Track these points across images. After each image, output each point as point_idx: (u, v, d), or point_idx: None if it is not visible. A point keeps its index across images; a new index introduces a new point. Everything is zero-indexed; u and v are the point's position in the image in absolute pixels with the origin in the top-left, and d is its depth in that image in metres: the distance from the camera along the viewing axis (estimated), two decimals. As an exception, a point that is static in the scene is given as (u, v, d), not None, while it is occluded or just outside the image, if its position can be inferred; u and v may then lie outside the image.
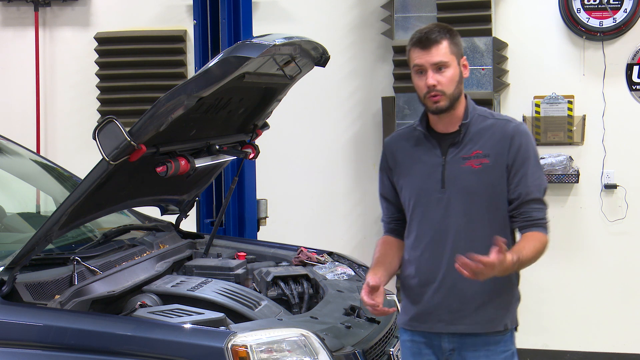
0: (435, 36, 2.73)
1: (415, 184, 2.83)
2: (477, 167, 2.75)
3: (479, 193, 2.75)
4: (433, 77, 2.72)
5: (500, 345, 2.79)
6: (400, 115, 5.50)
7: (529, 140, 2.79)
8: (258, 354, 2.68)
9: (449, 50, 2.74)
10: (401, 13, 5.46)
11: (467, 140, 2.78)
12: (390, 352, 3.18)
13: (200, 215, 5.00)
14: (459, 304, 2.77)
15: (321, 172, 5.94)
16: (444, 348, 2.82)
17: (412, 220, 2.85)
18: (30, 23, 6.22)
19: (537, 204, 2.76)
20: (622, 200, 5.47)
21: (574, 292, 5.56)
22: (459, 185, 2.76)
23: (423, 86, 2.74)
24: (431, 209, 2.79)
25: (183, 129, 3.25)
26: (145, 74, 6.00)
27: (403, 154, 2.89)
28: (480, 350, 2.79)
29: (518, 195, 2.74)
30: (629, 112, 5.47)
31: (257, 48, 2.92)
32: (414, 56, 2.76)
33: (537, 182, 2.77)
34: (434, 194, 2.79)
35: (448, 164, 2.78)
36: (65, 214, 2.93)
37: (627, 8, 5.36)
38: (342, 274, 3.76)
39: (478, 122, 2.81)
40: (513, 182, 2.75)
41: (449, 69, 2.74)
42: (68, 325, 2.79)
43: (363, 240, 5.89)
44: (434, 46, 2.72)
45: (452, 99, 2.75)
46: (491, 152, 2.76)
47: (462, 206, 2.76)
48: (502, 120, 2.82)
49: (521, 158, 2.76)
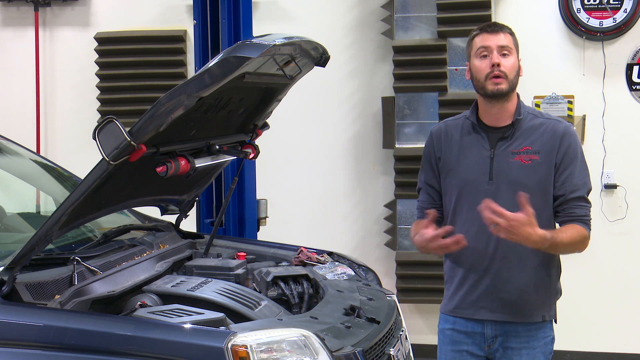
0: (501, 26, 2.93)
1: (463, 175, 2.94)
2: (527, 163, 2.87)
3: (527, 187, 2.84)
4: (498, 57, 2.86)
5: (541, 331, 2.96)
6: (400, 115, 5.50)
7: (577, 142, 2.94)
8: (258, 354, 2.68)
9: (512, 41, 2.92)
10: (401, 13, 5.46)
11: (518, 135, 2.90)
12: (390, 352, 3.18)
13: (200, 215, 5.00)
14: (503, 293, 2.89)
15: (321, 172, 5.95)
16: (487, 335, 2.95)
17: (457, 210, 2.95)
18: (30, 23, 6.22)
19: (581, 202, 2.93)
20: (622, 200, 5.47)
21: (573, 292, 5.55)
22: (507, 178, 2.87)
23: (486, 67, 2.87)
24: (478, 199, 2.85)
25: (183, 129, 3.25)
26: (145, 74, 6.01)
27: (451, 143, 2.99)
28: (522, 336, 2.92)
29: (564, 192, 2.89)
30: (629, 112, 5.47)
31: (257, 48, 2.92)
32: (480, 40, 2.90)
33: (583, 181, 2.94)
34: (482, 185, 2.89)
35: (496, 157, 2.89)
36: (65, 214, 2.93)
37: (627, 8, 5.36)
38: (342, 274, 3.76)
39: (529, 119, 2.94)
40: (560, 179, 2.88)
41: (511, 57, 2.90)
42: (68, 325, 2.78)
43: (363, 240, 5.89)
44: (501, 32, 2.90)
45: (512, 85, 2.89)
46: (541, 150, 2.88)
47: (509, 199, 2.83)
48: (553, 120, 2.96)
49: (569, 157, 2.90)
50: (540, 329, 2.95)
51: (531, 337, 2.93)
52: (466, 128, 2.96)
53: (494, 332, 2.94)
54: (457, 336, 3.00)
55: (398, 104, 5.49)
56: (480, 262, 2.91)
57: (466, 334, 2.97)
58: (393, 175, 5.65)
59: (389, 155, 5.72)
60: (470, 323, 2.96)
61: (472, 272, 2.93)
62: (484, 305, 2.92)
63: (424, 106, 5.49)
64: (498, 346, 2.94)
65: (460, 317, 2.99)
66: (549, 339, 2.98)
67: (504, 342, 2.93)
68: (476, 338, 2.95)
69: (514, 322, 2.92)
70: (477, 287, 2.93)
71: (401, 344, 3.34)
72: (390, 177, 5.72)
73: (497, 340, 2.93)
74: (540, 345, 2.94)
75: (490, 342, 2.94)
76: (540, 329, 2.95)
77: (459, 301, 2.98)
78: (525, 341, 2.92)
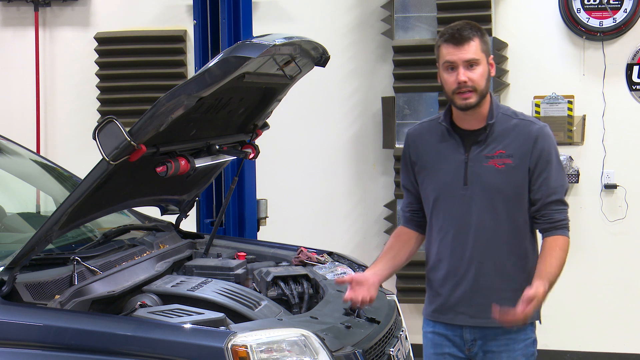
0: (467, 33, 2.78)
1: (438, 180, 2.90)
2: (500, 167, 2.82)
3: (501, 191, 2.82)
4: (464, 73, 2.77)
5: (521, 333, 2.89)
6: (400, 115, 5.50)
7: (551, 143, 2.86)
8: (258, 354, 2.68)
9: (479, 48, 2.79)
10: (401, 13, 5.46)
11: (491, 139, 2.85)
12: (390, 352, 3.18)
13: (200, 215, 5.00)
14: (481, 298, 2.85)
15: (321, 172, 5.94)
16: (466, 339, 2.91)
17: (434, 215, 2.92)
18: (30, 23, 6.22)
19: (558, 205, 2.84)
20: (622, 200, 5.47)
21: (573, 292, 5.55)
22: (482, 183, 2.83)
23: (453, 82, 2.79)
24: (454, 205, 2.86)
25: (183, 129, 3.25)
26: (145, 74, 6.00)
27: (426, 148, 2.95)
28: (501, 340, 2.87)
29: (540, 196, 2.82)
30: (629, 112, 5.47)
31: (257, 48, 2.92)
32: (445, 52, 2.80)
33: (559, 183, 2.85)
34: (457, 190, 2.86)
35: (471, 162, 2.85)
36: (65, 214, 2.93)
37: (627, 8, 5.36)
38: (342, 274, 3.76)
39: (502, 121, 2.87)
40: (536, 183, 2.83)
41: (479, 67, 2.79)
42: (68, 325, 2.78)
43: (363, 240, 5.89)
44: (466, 43, 2.77)
45: (481, 96, 2.81)
46: (515, 153, 2.82)
47: (484, 203, 2.83)
48: (526, 121, 2.88)
49: (544, 160, 2.83)
50: (520, 331, 2.88)
51: (511, 339, 2.87)
52: (441, 132, 2.91)
53: (472, 336, 2.90)
54: (438, 339, 2.96)
55: (398, 104, 5.49)
56: (458, 268, 2.87)
57: (446, 337, 2.94)
58: (393, 175, 5.65)
59: (389, 155, 5.72)
60: (450, 327, 2.93)
61: (449, 278, 2.89)
62: (462, 310, 2.88)
63: (424, 106, 5.48)
64: (478, 350, 2.89)
65: (439, 322, 2.95)
66: (529, 341, 2.91)
67: (484, 345, 2.89)
68: (456, 341, 2.92)
69: (492, 326, 2.85)
70: (454, 292, 2.88)
71: (401, 344, 3.34)
72: (390, 177, 5.72)
73: (477, 343, 2.89)
74: (520, 347, 2.88)
75: (470, 345, 2.90)
76: (520, 331, 2.88)
77: (438, 306, 2.94)
78: (505, 344, 2.87)
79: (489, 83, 2.85)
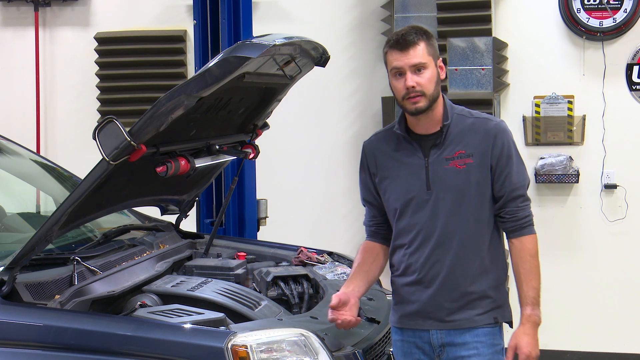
0: (412, 38, 2.77)
1: (400, 187, 2.87)
2: (462, 167, 2.81)
3: (465, 192, 2.81)
4: (412, 78, 2.76)
5: (489, 337, 2.84)
6: (400, 115, 5.49)
7: (509, 138, 2.86)
8: (258, 354, 2.68)
9: (426, 52, 2.78)
10: (401, 13, 5.46)
11: (449, 141, 2.83)
12: (390, 352, 3.18)
13: (200, 215, 5.00)
14: (449, 302, 2.82)
15: (321, 172, 5.95)
16: (434, 345, 2.86)
17: (399, 222, 2.89)
18: (30, 23, 6.22)
19: (521, 201, 2.84)
20: (622, 200, 5.47)
21: (573, 292, 5.56)
22: (445, 185, 2.81)
23: (401, 88, 2.78)
24: (418, 210, 2.83)
25: (183, 129, 3.25)
26: (145, 74, 6.00)
27: (384, 157, 2.92)
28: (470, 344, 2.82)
29: (503, 193, 2.82)
30: (629, 112, 5.47)
31: (257, 48, 2.92)
32: (392, 59, 2.80)
33: (521, 178, 2.85)
34: (420, 195, 2.83)
35: (431, 166, 2.82)
36: (65, 214, 2.93)
37: (627, 8, 5.36)
38: (342, 274, 3.76)
39: (458, 122, 2.86)
40: (499, 180, 2.82)
41: (427, 70, 2.77)
42: (68, 325, 2.79)
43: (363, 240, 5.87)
44: (411, 48, 2.76)
45: (431, 99, 2.79)
46: (475, 152, 2.81)
47: (448, 206, 2.81)
48: (482, 119, 2.87)
49: (505, 157, 2.83)
50: (488, 334, 2.84)
51: (480, 343, 2.83)
52: (397, 139, 2.89)
53: (440, 342, 2.84)
54: (407, 347, 2.92)
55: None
56: (426, 272, 2.83)
57: (415, 344, 2.89)
58: (393, 175, 5.65)
59: (389, 155, 5.71)
60: (418, 333, 2.87)
61: (417, 283, 2.85)
62: (431, 315, 2.83)
63: (424, 106, 5.48)
64: (447, 357, 2.85)
65: (406, 328, 2.90)
66: (498, 347, 2.86)
67: (452, 351, 2.83)
68: (425, 348, 2.87)
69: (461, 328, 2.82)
70: (422, 297, 2.84)
71: (401, 344, 3.34)
72: (390, 177, 5.71)
73: (445, 350, 2.84)
74: (490, 352, 2.83)
75: (439, 351, 2.85)
76: (488, 334, 2.84)
77: (407, 312, 2.89)
78: (475, 347, 2.82)
79: (439, 86, 2.82)
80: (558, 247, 5.47)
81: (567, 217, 5.53)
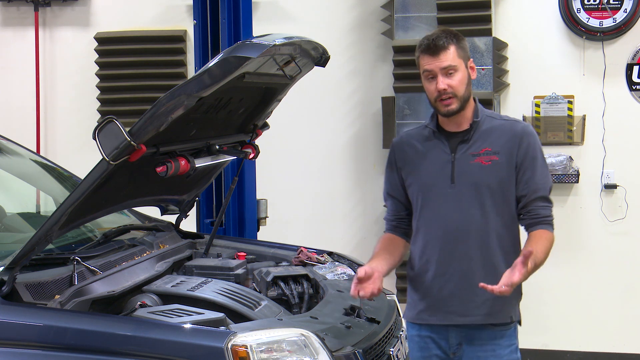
0: (442, 42, 2.84)
1: (425, 180, 2.93)
2: (487, 164, 2.86)
3: (488, 187, 2.86)
4: (443, 81, 2.83)
5: (506, 339, 2.90)
6: (400, 115, 5.50)
7: (536, 141, 2.92)
8: (258, 354, 2.68)
9: (456, 55, 2.86)
10: (401, 13, 5.46)
11: (477, 137, 2.90)
12: (390, 352, 3.18)
13: (200, 215, 5.00)
14: (470, 294, 2.85)
15: (321, 172, 5.94)
16: (451, 342, 2.91)
17: (422, 215, 2.94)
18: (30, 23, 6.22)
19: (543, 201, 2.89)
20: (622, 200, 5.47)
21: (574, 292, 5.56)
22: (469, 180, 2.87)
23: (434, 90, 2.86)
24: (441, 204, 2.88)
25: (183, 129, 3.25)
26: (145, 74, 6.00)
27: (412, 152, 2.98)
28: (487, 345, 2.88)
29: (526, 192, 2.87)
30: (629, 112, 5.47)
31: (257, 48, 2.92)
32: (424, 62, 2.87)
33: (544, 180, 2.90)
34: (444, 189, 2.88)
35: (457, 161, 2.89)
36: (65, 214, 2.93)
37: (627, 8, 5.36)
38: (342, 274, 3.76)
39: (487, 121, 2.93)
40: (522, 180, 2.87)
41: (458, 73, 2.85)
42: (68, 325, 2.79)
43: (363, 240, 5.89)
44: (442, 52, 2.84)
45: (463, 101, 2.87)
46: (501, 150, 2.88)
47: (471, 200, 2.86)
48: (510, 121, 2.96)
49: (530, 157, 2.88)
50: (504, 336, 2.89)
51: (496, 344, 2.88)
52: (426, 135, 2.96)
53: (458, 339, 2.89)
54: (424, 342, 2.96)
55: (398, 104, 5.48)
56: (447, 266, 2.87)
57: (432, 339, 2.93)
58: (393, 175, 5.65)
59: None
60: (436, 329, 2.92)
61: (438, 277, 2.89)
62: (452, 309, 2.88)
63: (424, 106, 5.47)
64: (463, 355, 2.88)
65: (424, 324, 2.94)
66: (513, 347, 2.92)
67: (469, 351, 2.88)
68: (442, 344, 2.92)
69: (480, 325, 2.86)
70: (443, 290, 2.88)
71: (401, 344, 3.34)
72: (390, 177, 5.71)
73: (462, 348, 2.88)
74: (506, 353, 2.88)
75: (455, 349, 2.90)
76: (504, 336, 2.89)
77: (426, 307, 2.93)
78: (492, 349, 2.87)
79: (470, 87, 2.90)
80: (558, 247, 5.34)
81: (567, 217, 5.53)
